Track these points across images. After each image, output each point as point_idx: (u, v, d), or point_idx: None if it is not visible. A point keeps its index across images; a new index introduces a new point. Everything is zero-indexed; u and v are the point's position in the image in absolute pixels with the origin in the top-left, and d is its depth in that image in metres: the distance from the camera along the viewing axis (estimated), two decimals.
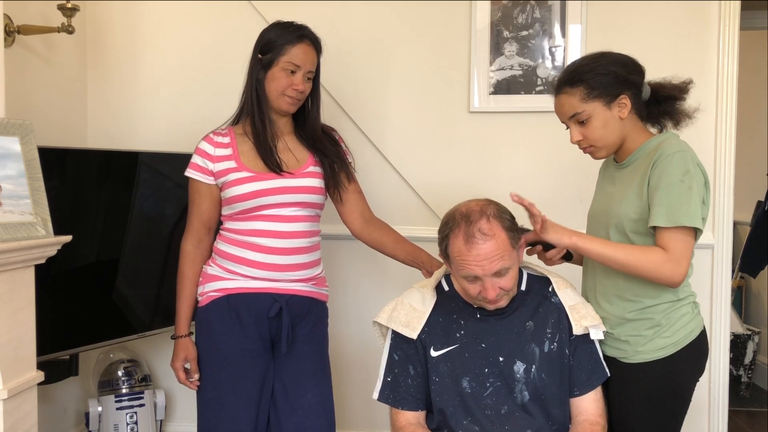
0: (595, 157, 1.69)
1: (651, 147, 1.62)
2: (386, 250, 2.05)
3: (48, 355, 2.10)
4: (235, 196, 1.86)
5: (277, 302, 1.88)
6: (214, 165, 1.89)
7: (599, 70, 1.61)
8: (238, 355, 1.88)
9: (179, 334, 1.94)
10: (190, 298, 1.94)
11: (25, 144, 1.71)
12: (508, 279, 1.55)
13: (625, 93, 1.61)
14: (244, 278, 1.88)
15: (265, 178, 1.86)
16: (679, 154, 1.55)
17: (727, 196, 2.62)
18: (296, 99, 1.89)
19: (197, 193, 1.93)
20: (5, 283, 1.61)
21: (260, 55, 1.90)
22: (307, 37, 1.90)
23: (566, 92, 1.63)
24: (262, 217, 1.87)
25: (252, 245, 1.87)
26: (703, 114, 2.58)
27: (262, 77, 1.89)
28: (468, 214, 1.55)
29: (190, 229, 1.95)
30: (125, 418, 2.58)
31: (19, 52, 2.37)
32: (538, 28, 2.65)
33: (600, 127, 1.61)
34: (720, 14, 2.58)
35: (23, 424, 1.68)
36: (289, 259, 1.88)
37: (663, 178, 1.53)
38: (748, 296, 4.19)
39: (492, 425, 1.59)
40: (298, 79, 1.86)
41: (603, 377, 1.65)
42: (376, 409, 1.96)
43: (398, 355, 1.67)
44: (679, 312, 1.65)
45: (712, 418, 2.67)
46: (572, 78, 1.62)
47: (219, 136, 1.94)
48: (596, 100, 1.60)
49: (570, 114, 1.63)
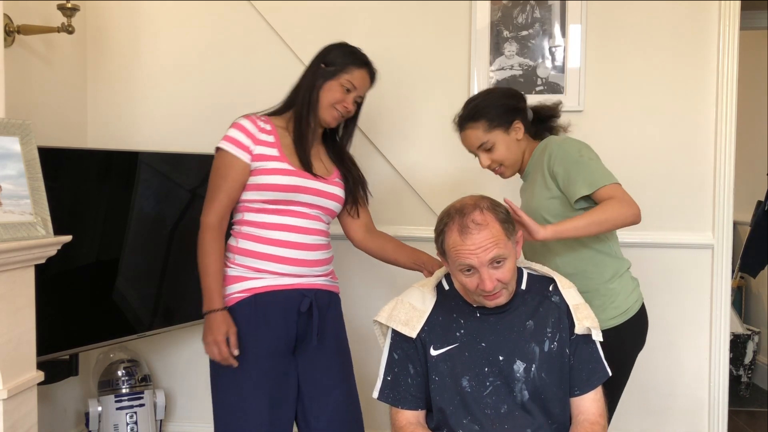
0: (505, 177, 1.98)
1: (539, 151, 1.92)
2: (388, 255, 2.11)
3: (48, 355, 2.11)
4: (272, 185, 1.87)
5: (306, 297, 1.91)
6: (255, 147, 1.89)
7: (493, 104, 1.90)
8: (264, 356, 1.87)
9: (215, 307, 1.84)
10: (219, 272, 1.87)
11: (25, 144, 1.72)
12: (506, 271, 1.55)
13: (517, 118, 1.91)
14: (272, 275, 1.88)
15: (303, 176, 1.91)
16: (566, 141, 1.86)
17: (727, 196, 2.62)
18: (341, 115, 1.97)
19: (230, 168, 1.88)
20: (5, 283, 1.61)
21: (323, 64, 1.96)
22: (369, 66, 2.01)
23: (470, 127, 1.91)
24: (288, 213, 1.90)
25: (278, 241, 1.88)
26: (703, 114, 2.63)
27: (320, 85, 1.94)
28: (462, 208, 1.57)
29: (216, 203, 1.88)
30: (125, 418, 2.58)
31: (19, 52, 2.37)
32: (538, 28, 2.65)
33: (504, 150, 1.90)
34: (720, 14, 2.58)
35: (23, 424, 1.68)
36: (313, 254, 1.93)
37: (565, 161, 1.80)
38: (748, 296, 4.19)
39: (492, 424, 1.59)
40: (350, 98, 1.96)
41: (604, 377, 1.65)
42: (376, 408, 1.96)
43: (398, 354, 1.67)
44: (622, 282, 1.88)
45: (712, 418, 2.67)
46: (473, 114, 1.90)
47: (260, 121, 1.94)
48: (496, 129, 1.89)
49: (477, 144, 1.91)
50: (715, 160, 2.62)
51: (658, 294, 2.68)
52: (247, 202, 1.91)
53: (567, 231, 1.72)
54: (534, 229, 1.69)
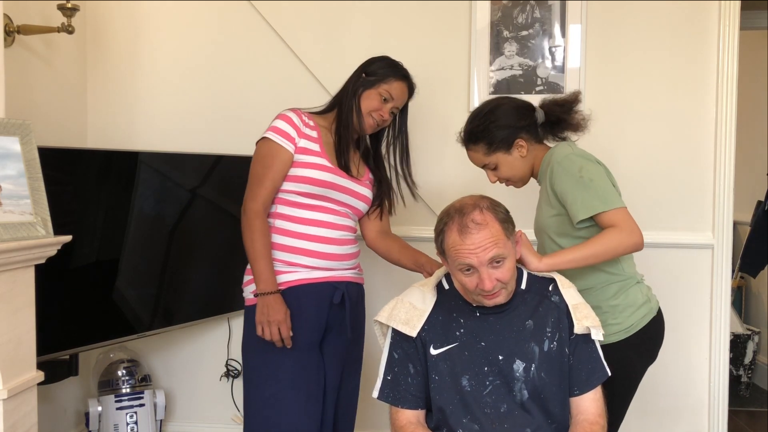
0: (517, 187, 1.96)
1: (546, 161, 1.86)
2: (392, 256, 2.17)
3: (48, 355, 2.11)
4: (311, 178, 1.94)
5: (338, 289, 1.99)
6: (299, 139, 1.95)
7: (493, 127, 1.84)
8: (301, 349, 1.92)
9: (271, 289, 1.88)
10: (270, 255, 1.91)
11: (25, 144, 1.72)
12: (505, 270, 1.55)
13: (519, 137, 1.85)
14: (306, 269, 1.95)
15: (339, 175, 1.99)
16: (566, 159, 1.77)
17: (727, 196, 2.62)
18: (377, 123, 2.04)
19: (275, 158, 1.94)
20: (5, 283, 1.61)
21: (364, 74, 2.04)
22: (409, 79, 2.07)
23: (471, 149, 1.90)
24: (321, 209, 1.96)
25: (309, 236, 1.94)
26: (703, 114, 2.62)
27: (360, 92, 2.01)
28: (461, 207, 1.57)
29: (262, 191, 1.92)
30: (125, 418, 2.58)
31: (19, 52, 2.37)
32: (538, 28, 2.65)
33: (508, 170, 1.88)
34: (720, 14, 2.58)
35: (23, 424, 1.68)
36: (342, 248, 2.00)
37: (564, 182, 1.75)
38: (748, 296, 4.19)
39: (491, 424, 1.59)
40: (387, 108, 2.03)
41: (603, 377, 1.65)
42: (375, 408, 1.96)
43: (398, 354, 1.67)
44: (628, 298, 1.81)
45: (712, 418, 2.67)
46: (473, 138, 1.88)
47: (304, 115, 2.01)
48: (497, 152, 1.86)
49: (481, 165, 1.91)
50: (715, 160, 2.62)
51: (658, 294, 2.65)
52: (283, 193, 1.96)
53: (563, 264, 1.70)
54: (528, 261, 1.68)
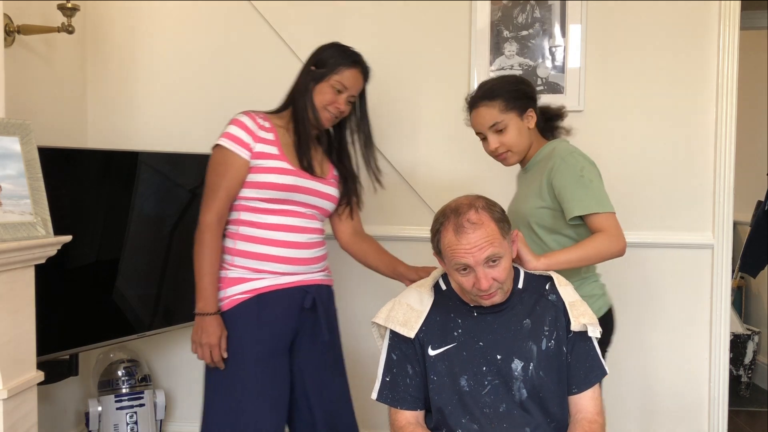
0: (508, 164, 1.94)
1: (546, 152, 1.90)
2: (369, 262, 2.11)
3: (48, 355, 2.11)
4: (272, 183, 1.87)
5: (309, 293, 1.93)
6: (255, 144, 1.88)
7: (511, 87, 1.88)
8: (267, 357, 1.87)
9: (211, 310, 1.84)
10: (216, 273, 1.86)
11: (25, 144, 1.72)
12: (501, 270, 1.55)
13: (532, 107, 1.90)
14: (274, 275, 1.89)
15: (302, 176, 1.91)
16: (571, 156, 1.83)
17: (727, 196, 2.62)
18: (335, 116, 1.96)
19: (230, 166, 1.87)
20: (5, 283, 1.61)
21: (313, 67, 1.95)
22: (360, 64, 1.97)
23: (485, 105, 1.87)
24: (285, 212, 1.90)
25: (276, 241, 1.88)
26: (703, 114, 2.62)
27: (311, 88, 1.93)
28: (457, 207, 1.57)
29: (216, 201, 1.87)
30: (125, 418, 2.58)
31: (19, 52, 2.37)
32: (538, 28, 2.65)
33: (516, 135, 1.87)
34: (720, 14, 2.58)
35: (23, 424, 1.68)
36: (311, 252, 1.95)
37: (565, 177, 1.80)
38: (748, 296, 4.19)
39: (490, 423, 1.59)
40: (342, 99, 1.94)
41: (601, 375, 1.65)
42: (375, 409, 1.96)
43: (396, 355, 1.67)
44: (589, 290, 1.88)
45: (712, 418, 2.67)
46: (491, 94, 1.87)
47: (259, 118, 1.93)
48: (512, 112, 1.86)
49: (490, 124, 1.87)
50: (715, 160, 2.62)
51: (658, 294, 2.68)
52: (245, 200, 1.90)
53: (559, 265, 1.73)
54: (526, 260, 1.69)
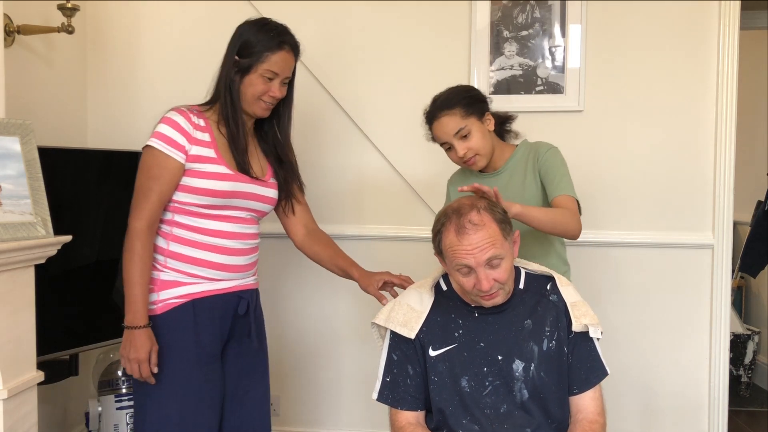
0: (477, 167, 1.98)
1: (524, 150, 2.02)
2: (324, 264, 2.05)
3: (48, 355, 2.11)
4: (211, 190, 1.77)
5: (243, 299, 1.88)
6: (191, 146, 1.76)
7: (465, 94, 1.96)
8: (205, 362, 1.80)
9: (140, 323, 1.71)
10: (147, 283, 1.74)
11: (25, 144, 1.72)
12: (502, 271, 1.55)
13: (488, 110, 1.97)
14: (209, 281, 1.81)
15: (241, 180, 1.81)
16: (554, 149, 1.98)
17: (727, 196, 2.62)
18: (271, 105, 1.85)
19: (163, 169, 1.74)
20: (5, 283, 1.61)
21: (237, 57, 1.81)
22: (288, 43, 1.83)
23: (446, 114, 1.92)
24: (223, 218, 1.82)
25: (212, 246, 1.80)
26: (703, 114, 2.62)
27: (239, 81, 1.81)
28: (458, 208, 1.57)
29: (147, 206, 1.74)
30: (125, 418, 2.58)
31: (19, 52, 2.37)
32: (538, 28, 2.65)
33: (480, 138, 1.93)
34: (720, 14, 2.58)
35: (23, 424, 1.68)
36: (246, 259, 1.89)
37: (552, 165, 1.95)
38: (748, 296, 4.19)
39: (491, 424, 1.59)
40: (276, 85, 1.82)
41: (602, 376, 1.65)
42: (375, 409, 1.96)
43: (397, 356, 1.67)
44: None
45: (712, 418, 2.67)
46: (449, 103, 1.93)
47: (194, 116, 1.80)
48: (472, 116, 1.93)
49: (455, 131, 1.92)
50: (715, 160, 2.62)
51: (658, 294, 2.68)
52: (180, 204, 1.79)
53: (530, 216, 1.75)
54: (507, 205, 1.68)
